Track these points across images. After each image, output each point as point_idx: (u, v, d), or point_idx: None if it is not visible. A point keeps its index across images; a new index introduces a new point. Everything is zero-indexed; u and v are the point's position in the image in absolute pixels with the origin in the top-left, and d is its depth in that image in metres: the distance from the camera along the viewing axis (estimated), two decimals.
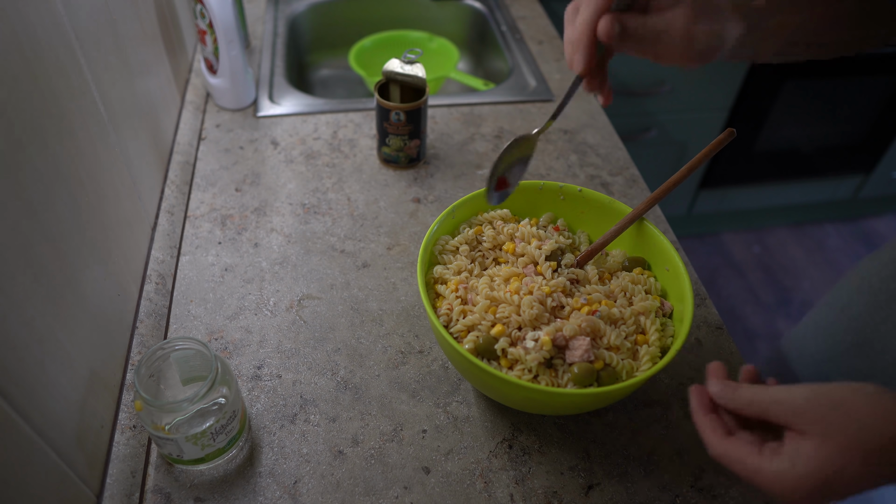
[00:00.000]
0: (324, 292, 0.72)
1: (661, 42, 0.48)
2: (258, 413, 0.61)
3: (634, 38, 0.48)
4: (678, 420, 0.62)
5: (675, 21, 0.47)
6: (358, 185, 0.86)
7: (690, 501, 0.57)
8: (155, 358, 0.53)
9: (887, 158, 1.93)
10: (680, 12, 0.47)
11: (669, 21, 0.47)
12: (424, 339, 0.68)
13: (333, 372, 0.65)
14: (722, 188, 1.92)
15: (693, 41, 0.48)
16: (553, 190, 0.67)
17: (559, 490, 0.57)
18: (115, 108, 0.66)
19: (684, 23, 0.47)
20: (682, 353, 0.67)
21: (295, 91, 1.03)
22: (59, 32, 0.55)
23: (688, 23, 0.47)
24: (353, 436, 0.60)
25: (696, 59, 0.49)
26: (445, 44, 1.22)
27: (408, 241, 0.79)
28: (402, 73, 0.84)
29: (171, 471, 0.57)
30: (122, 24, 0.72)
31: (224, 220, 0.81)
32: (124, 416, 0.58)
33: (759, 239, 2.13)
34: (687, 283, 0.57)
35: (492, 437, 0.60)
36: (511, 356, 0.54)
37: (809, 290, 1.98)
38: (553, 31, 1.21)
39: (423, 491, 0.56)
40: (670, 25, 0.47)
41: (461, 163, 0.90)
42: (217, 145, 0.92)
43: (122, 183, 0.66)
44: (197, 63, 1.05)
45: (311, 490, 0.56)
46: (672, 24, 0.47)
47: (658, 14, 0.48)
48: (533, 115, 1.00)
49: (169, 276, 0.73)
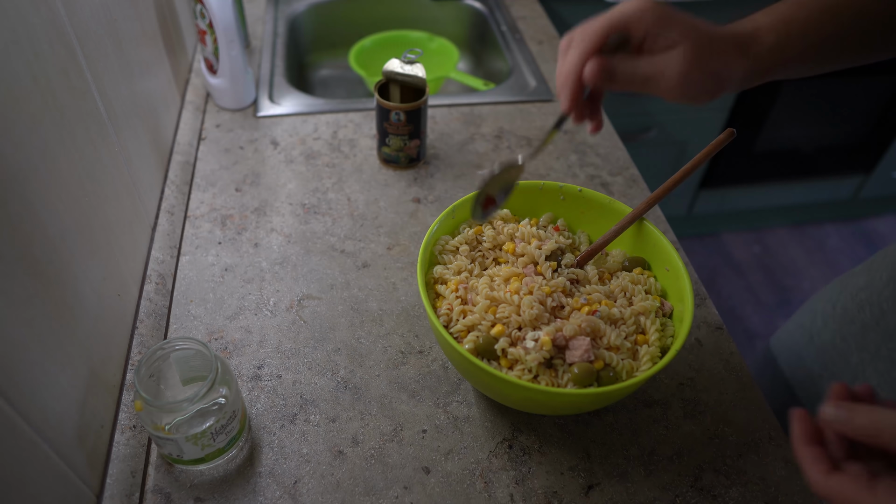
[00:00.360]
0: (324, 292, 0.72)
1: (655, 85, 0.46)
2: (258, 413, 0.61)
3: (623, 82, 0.47)
4: (678, 420, 0.62)
5: (669, 65, 0.45)
6: (358, 185, 0.86)
7: (690, 501, 0.57)
8: (155, 358, 0.53)
9: (887, 158, 1.93)
10: (676, 56, 0.45)
11: (663, 65, 0.45)
12: (424, 339, 0.68)
13: (333, 372, 0.65)
14: (722, 188, 1.92)
15: (691, 86, 0.46)
16: (553, 190, 0.67)
17: (559, 490, 0.57)
18: (115, 108, 0.66)
19: (680, 69, 0.45)
20: (682, 353, 0.67)
21: (295, 91, 1.03)
22: (59, 32, 0.55)
23: (684, 68, 0.45)
24: (353, 436, 0.60)
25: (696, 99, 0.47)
26: (445, 44, 1.22)
27: (408, 241, 0.79)
28: (402, 73, 0.84)
29: (171, 471, 0.57)
30: (122, 24, 0.72)
31: (224, 220, 0.81)
32: (124, 416, 0.58)
33: (759, 239, 2.13)
34: (687, 283, 0.57)
35: (492, 437, 0.60)
36: (511, 356, 0.54)
37: (809, 290, 1.98)
38: (553, 31, 1.21)
39: (423, 491, 0.56)
40: (664, 69, 0.45)
41: (461, 163, 0.90)
42: (217, 145, 0.92)
43: (122, 183, 0.66)
44: (197, 63, 1.05)
45: (311, 490, 0.56)
46: (666, 68, 0.45)
47: (651, 57, 0.46)
48: (533, 115, 1.00)
49: (169, 276, 0.73)
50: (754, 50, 0.47)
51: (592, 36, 0.46)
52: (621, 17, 0.46)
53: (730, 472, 0.58)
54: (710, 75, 0.46)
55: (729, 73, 0.47)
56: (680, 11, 0.46)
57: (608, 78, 0.46)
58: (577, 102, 0.49)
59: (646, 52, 0.46)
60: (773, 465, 0.59)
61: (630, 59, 0.46)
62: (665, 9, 0.45)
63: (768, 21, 0.48)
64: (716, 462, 0.59)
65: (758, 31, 0.48)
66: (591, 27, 0.47)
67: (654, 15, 0.45)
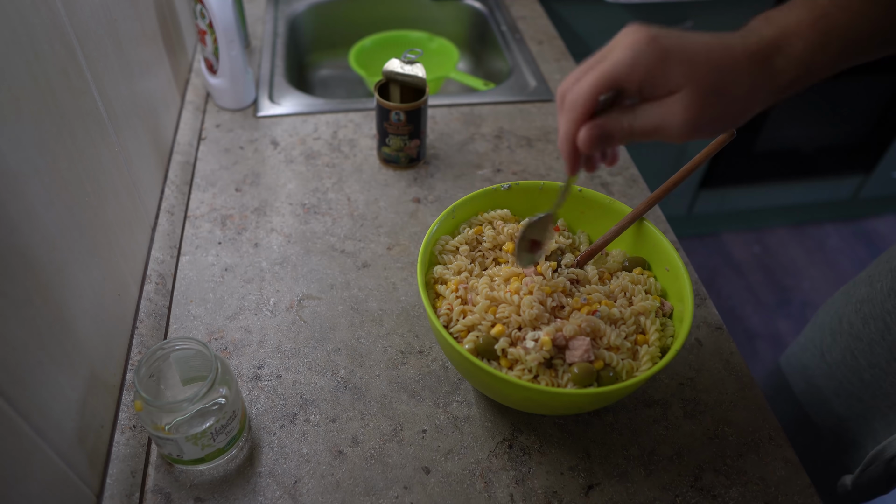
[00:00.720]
0: (324, 292, 0.72)
1: (661, 136, 0.41)
2: (258, 413, 0.61)
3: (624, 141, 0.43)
4: (678, 420, 0.62)
5: (673, 113, 0.40)
6: (358, 185, 0.86)
7: (690, 501, 0.57)
8: (155, 358, 0.53)
9: (887, 158, 1.93)
10: (679, 102, 0.39)
11: (666, 114, 0.40)
12: (424, 339, 0.68)
13: (333, 372, 0.65)
14: (722, 188, 1.93)
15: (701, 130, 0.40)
16: (553, 190, 0.67)
17: (559, 490, 0.57)
18: (115, 108, 0.66)
19: (685, 116, 0.39)
20: (682, 353, 0.67)
21: (295, 91, 1.03)
22: (59, 32, 0.55)
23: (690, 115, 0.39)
24: (353, 436, 0.60)
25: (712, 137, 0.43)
26: (445, 44, 1.22)
27: (408, 241, 0.79)
28: (402, 73, 0.84)
29: (171, 471, 0.57)
30: (122, 24, 0.72)
31: (224, 220, 0.81)
32: (124, 416, 0.58)
33: (759, 239, 2.13)
34: (687, 283, 0.57)
35: (492, 437, 0.60)
36: (511, 356, 0.54)
37: (809, 290, 1.98)
38: (553, 31, 1.21)
39: (423, 491, 0.56)
40: (667, 118, 0.40)
41: (461, 163, 0.90)
42: (217, 145, 0.92)
43: (122, 183, 0.66)
44: (197, 63, 1.05)
45: (311, 490, 0.56)
46: (669, 116, 0.40)
47: (651, 107, 0.41)
48: (533, 115, 1.00)
49: (169, 276, 0.73)
50: (779, 64, 0.40)
51: (580, 101, 0.42)
52: (610, 74, 0.40)
53: (730, 472, 0.58)
54: (721, 114, 0.40)
55: (746, 105, 0.41)
56: (682, 39, 0.40)
57: (605, 142, 0.43)
58: (579, 165, 0.46)
59: (646, 99, 0.41)
60: (773, 465, 0.59)
61: (627, 114, 0.42)
62: (662, 47, 0.39)
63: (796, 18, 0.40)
64: (716, 462, 0.59)
65: (783, 38, 0.40)
66: (578, 90, 0.42)
67: (649, 61, 0.39)
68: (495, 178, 0.88)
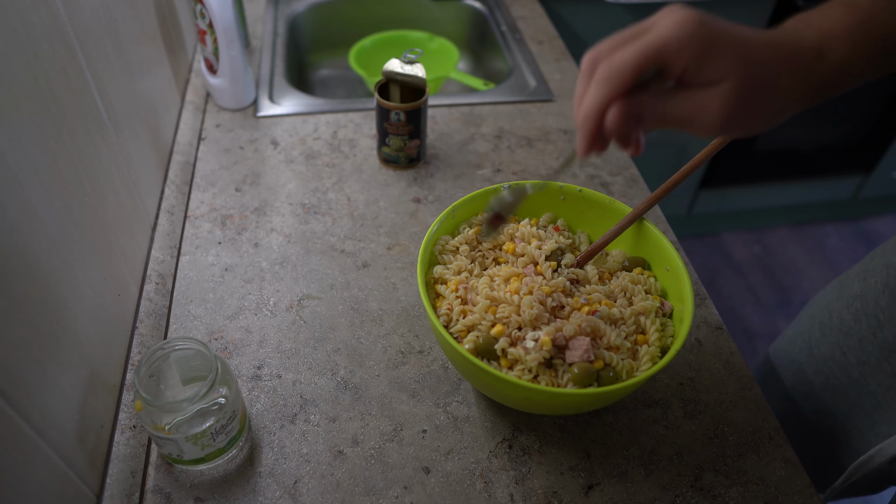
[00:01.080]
0: (324, 292, 0.72)
1: (690, 126, 0.38)
2: (258, 413, 0.61)
3: (651, 125, 0.39)
4: (678, 420, 0.62)
5: (711, 104, 0.37)
6: (358, 185, 0.86)
7: (690, 501, 0.57)
8: (155, 358, 0.53)
9: (887, 158, 1.93)
10: (720, 94, 0.36)
11: (703, 105, 0.37)
12: (424, 339, 0.68)
13: (333, 372, 0.65)
14: (722, 188, 1.93)
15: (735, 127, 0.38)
16: (553, 190, 0.67)
17: (559, 490, 0.57)
18: (115, 108, 0.66)
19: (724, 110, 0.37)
20: (682, 353, 0.67)
21: (295, 91, 1.03)
22: (59, 32, 0.55)
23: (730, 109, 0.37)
24: (353, 436, 0.60)
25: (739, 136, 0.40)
26: (445, 44, 1.22)
27: (408, 241, 0.79)
28: (402, 73, 0.84)
29: (171, 471, 0.57)
30: (122, 24, 0.72)
31: (224, 220, 0.81)
32: (124, 416, 0.58)
33: (759, 239, 2.13)
34: (687, 283, 0.57)
35: (492, 437, 0.60)
36: (511, 356, 0.54)
37: (809, 290, 1.98)
38: (553, 31, 1.21)
39: (423, 491, 0.56)
40: (704, 109, 0.37)
41: (461, 163, 0.90)
42: (217, 145, 0.92)
43: (122, 183, 0.66)
44: (197, 63, 1.05)
45: (311, 490, 0.56)
46: (707, 107, 0.37)
47: (690, 94, 0.37)
48: (533, 114, 1.00)
49: (169, 276, 0.73)
50: (819, 69, 0.38)
51: (621, 74, 0.37)
52: (659, 48, 0.36)
53: (730, 472, 0.58)
54: (756, 113, 0.38)
55: (783, 106, 0.39)
56: (730, 28, 0.37)
57: (635, 124, 0.39)
58: (594, 147, 0.41)
59: (684, 84, 0.38)
60: (773, 465, 0.59)
61: (663, 99, 0.38)
62: (713, 31, 0.36)
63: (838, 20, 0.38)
64: (716, 462, 0.59)
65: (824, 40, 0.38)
66: (620, 60, 0.37)
67: (699, 43, 0.36)
68: (495, 178, 0.88)
